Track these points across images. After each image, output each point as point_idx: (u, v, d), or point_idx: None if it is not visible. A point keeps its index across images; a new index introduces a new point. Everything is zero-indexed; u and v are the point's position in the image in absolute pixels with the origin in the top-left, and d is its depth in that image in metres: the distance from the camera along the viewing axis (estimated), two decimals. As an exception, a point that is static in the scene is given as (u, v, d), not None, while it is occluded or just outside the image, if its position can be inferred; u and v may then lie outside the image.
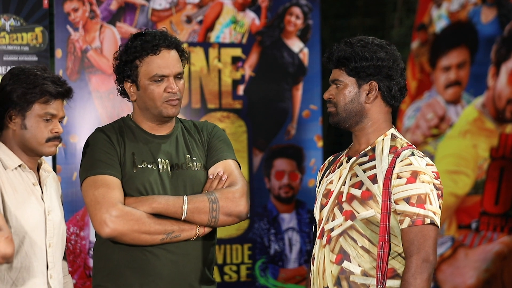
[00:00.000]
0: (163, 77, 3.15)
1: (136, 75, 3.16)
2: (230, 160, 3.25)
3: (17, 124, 3.07)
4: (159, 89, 3.15)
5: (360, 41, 3.01)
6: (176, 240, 3.11)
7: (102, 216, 3.04)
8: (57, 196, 3.22)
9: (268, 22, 5.63)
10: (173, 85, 3.15)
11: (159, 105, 3.16)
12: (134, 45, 3.16)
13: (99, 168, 3.11)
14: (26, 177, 3.09)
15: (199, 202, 3.12)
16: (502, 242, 5.52)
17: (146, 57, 3.15)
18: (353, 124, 3.03)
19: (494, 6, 5.77)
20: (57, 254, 3.14)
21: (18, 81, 3.05)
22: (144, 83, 3.16)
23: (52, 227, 3.11)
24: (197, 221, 3.12)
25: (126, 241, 3.08)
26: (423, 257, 2.85)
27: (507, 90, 5.59)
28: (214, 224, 3.14)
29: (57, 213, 3.16)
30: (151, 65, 3.15)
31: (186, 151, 3.24)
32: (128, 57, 3.16)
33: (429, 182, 2.89)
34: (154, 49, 3.14)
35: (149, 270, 3.12)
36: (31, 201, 3.07)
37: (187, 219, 3.11)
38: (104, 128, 3.24)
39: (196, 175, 3.20)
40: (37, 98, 3.05)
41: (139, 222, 3.05)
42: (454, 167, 5.82)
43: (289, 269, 5.68)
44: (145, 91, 3.17)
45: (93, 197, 3.08)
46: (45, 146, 3.08)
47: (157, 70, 3.15)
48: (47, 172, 3.18)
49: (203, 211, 3.11)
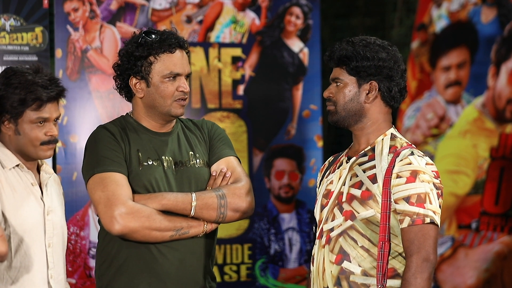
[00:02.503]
0: (177, 76, 3.16)
1: (148, 71, 3.16)
2: (232, 157, 3.27)
3: (10, 130, 3.06)
4: (172, 87, 3.16)
5: (362, 41, 3.02)
6: (184, 236, 3.12)
7: (112, 213, 3.03)
8: (58, 198, 3.22)
9: (268, 22, 5.63)
10: (185, 85, 3.18)
11: (169, 104, 3.17)
12: (150, 41, 3.16)
13: (105, 165, 3.10)
14: (24, 177, 3.08)
15: (208, 198, 3.13)
16: (502, 242, 5.52)
17: (162, 54, 3.15)
18: (352, 123, 3.03)
19: (494, 6, 5.77)
20: (58, 255, 3.14)
21: (9, 86, 3.03)
22: (157, 80, 3.16)
23: (51, 227, 3.11)
24: (205, 218, 3.13)
25: (137, 238, 3.08)
26: (423, 257, 2.84)
27: (507, 90, 5.59)
28: (222, 220, 3.16)
29: (57, 214, 3.16)
30: (167, 62, 3.15)
31: (189, 148, 3.25)
32: (142, 52, 3.15)
33: (428, 182, 2.89)
34: (171, 47, 3.16)
35: (156, 268, 3.12)
36: (30, 201, 3.07)
37: (195, 216, 3.12)
38: (106, 125, 3.23)
39: (200, 172, 3.21)
40: (28, 106, 3.03)
41: (150, 218, 3.06)
42: (454, 167, 5.82)
43: (289, 269, 5.68)
44: (157, 88, 3.17)
45: (102, 195, 3.06)
46: (40, 149, 3.07)
47: (173, 68, 3.15)
48: (48, 174, 3.17)
49: (211, 207, 3.13)
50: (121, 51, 3.21)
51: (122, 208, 3.03)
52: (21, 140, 3.06)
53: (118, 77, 3.23)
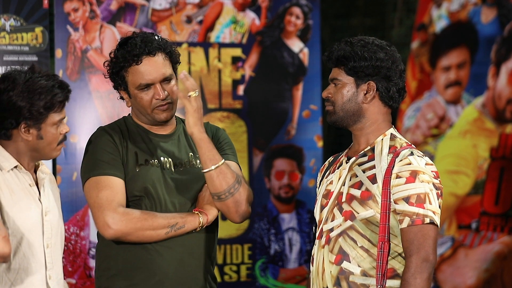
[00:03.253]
0: (148, 86, 3.16)
1: (125, 84, 3.19)
2: (234, 163, 3.26)
3: (33, 135, 3.04)
4: (147, 96, 3.17)
5: (360, 41, 3.02)
6: (180, 232, 3.11)
7: (105, 218, 3.06)
8: (55, 198, 3.22)
9: (268, 22, 5.63)
10: (160, 92, 3.15)
11: (150, 112, 3.19)
12: (117, 55, 3.18)
13: (101, 169, 3.12)
14: (22, 178, 3.08)
15: (227, 169, 3.12)
16: (502, 242, 5.52)
17: (129, 68, 3.16)
18: (350, 123, 3.03)
19: (494, 6, 5.77)
20: (56, 255, 3.14)
21: (33, 93, 3.00)
22: (134, 92, 3.18)
23: (49, 228, 3.11)
24: (221, 181, 3.10)
25: (132, 240, 3.09)
26: (423, 257, 2.84)
27: (507, 90, 5.59)
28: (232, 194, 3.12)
29: (55, 214, 3.15)
30: (136, 75, 3.16)
31: (189, 149, 3.25)
32: (114, 68, 3.19)
33: (428, 182, 2.89)
34: (135, 59, 3.14)
35: (154, 269, 3.12)
36: (28, 202, 3.07)
37: (215, 174, 3.10)
38: (106, 127, 3.25)
39: (200, 173, 3.20)
40: (53, 109, 3.03)
41: (141, 219, 3.07)
42: (454, 167, 5.82)
43: (289, 269, 5.68)
44: (135, 99, 3.20)
45: (96, 199, 3.09)
46: (56, 149, 3.08)
47: (141, 79, 3.15)
48: (45, 174, 3.17)
49: (228, 175, 3.11)
50: (105, 63, 3.25)
51: (113, 213, 3.06)
52: (41, 143, 3.05)
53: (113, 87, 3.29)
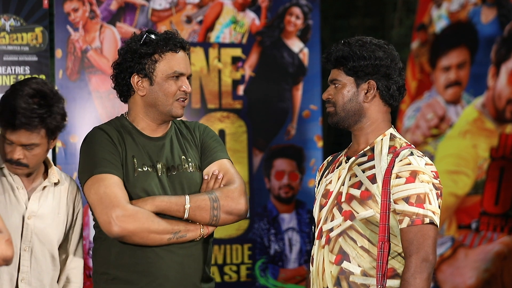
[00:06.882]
0: (180, 75, 3.17)
1: (152, 69, 3.15)
2: (225, 159, 3.24)
3: None
4: (175, 86, 3.16)
5: (358, 41, 3.02)
6: (182, 240, 3.10)
7: (110, 215, 3.00)
8: (59, 206, 3.20)
9: (268, 22, 5.63)
10: (187, 85, 3.18)
11: (171, 102, 3.16)
12: (155, 39, 3.15)
13: (103, 167, 3.08)
14: (5, 180, 3.08)
15: (201, 200, 3.12)
16: (502, 242, 5.52)
17: (167, 53, 3.15)
18: (352, 123, 3.03)
19: (494, 6, 5.77)
20: (39, 261, 3.14)
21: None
22: (161, 78, 3.16)
23: (29, 232, 3.10)
24: (198, 220, 3.12)
25: (135, 241, 3.05)
26: (422, 257, 2.85)
27: (507, 90, 5.59)
28: (216, 222, 3.14)
29: (44, 221, 3.14)
30: (171, 61, 3.16)
31: (181, 152, 3.23)
32: (147, 50, 3.15)
33: (428, 182, 2.89)
34: (175, 46, 3.16)
35: (154, 272, 3.10)
36: (7, 204, 3.06)
37: (189, 218, 3.11)
38: (103, 127, 3.21)
39: (192, 177, 3.19)
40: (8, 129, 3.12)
41: (148, 221, 3.03)
42: (454, 167, 5.82)
43: (289, 269, 5.68)
44: (160, 86, 3.16)
45: (99, 196, 3.04)
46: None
47: (177, 67, 3.16)
48: (51, 183, 3.17)
49: (204, 209, 3.11)
50: (122, 49, 3.20)
51: (120, 210, 3.01)
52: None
53: (118, 76, 3.21)
